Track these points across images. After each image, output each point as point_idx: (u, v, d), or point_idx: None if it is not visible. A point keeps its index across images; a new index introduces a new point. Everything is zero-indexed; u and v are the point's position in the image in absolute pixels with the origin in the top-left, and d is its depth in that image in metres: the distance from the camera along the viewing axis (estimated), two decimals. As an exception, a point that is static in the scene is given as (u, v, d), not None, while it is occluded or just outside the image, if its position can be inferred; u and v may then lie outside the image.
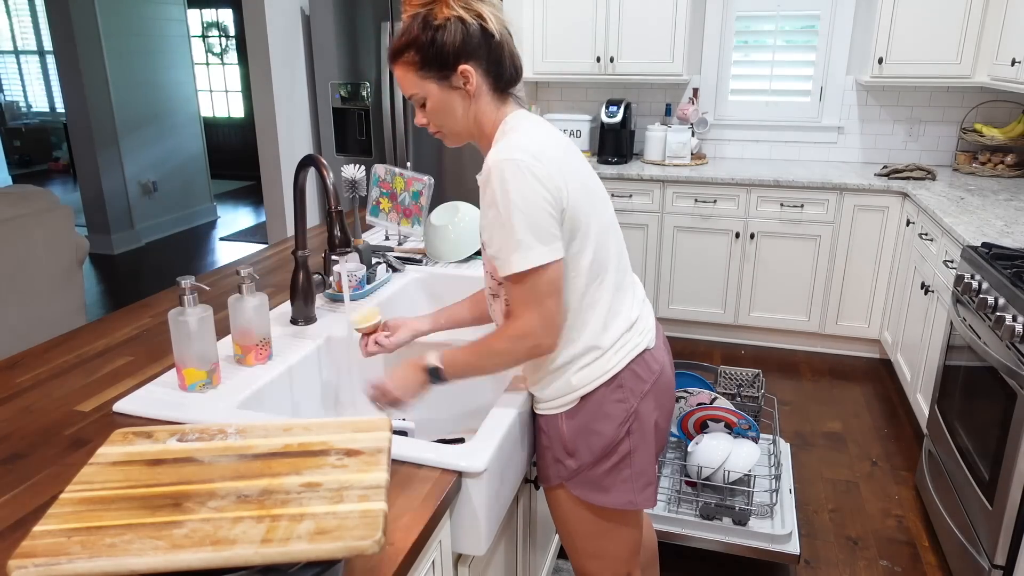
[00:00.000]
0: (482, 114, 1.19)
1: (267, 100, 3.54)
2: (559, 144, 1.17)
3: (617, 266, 1.25)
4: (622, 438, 1.24)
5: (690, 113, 3.82)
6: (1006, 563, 1.83)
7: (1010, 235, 2.41)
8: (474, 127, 1.21)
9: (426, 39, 1.12)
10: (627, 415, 1.24)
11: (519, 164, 1.08)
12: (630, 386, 1.24)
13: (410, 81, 1.16)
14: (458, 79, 1.14)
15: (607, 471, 1.26)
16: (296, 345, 1.50)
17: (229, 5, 7.86)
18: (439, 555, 1.08)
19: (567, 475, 1.29)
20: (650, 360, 1.27)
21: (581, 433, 1.25)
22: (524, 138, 1.12)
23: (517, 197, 1.07)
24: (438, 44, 1.11)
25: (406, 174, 2.18)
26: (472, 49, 1.13)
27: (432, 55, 1.12)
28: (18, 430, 1.21)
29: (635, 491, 1.28)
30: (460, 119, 1.19)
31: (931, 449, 2.41)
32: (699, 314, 3.75)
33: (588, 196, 1.18)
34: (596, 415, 1.24)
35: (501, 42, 1.15)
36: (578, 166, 1.19)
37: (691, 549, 2.17)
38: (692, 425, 2.29)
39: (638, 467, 1.27)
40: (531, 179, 1.08)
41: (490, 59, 1.15)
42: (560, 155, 1.14)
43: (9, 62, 8.32)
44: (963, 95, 3.65)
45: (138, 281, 4.92)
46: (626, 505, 1.29)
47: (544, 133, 1.17)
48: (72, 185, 7.92)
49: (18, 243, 3.09)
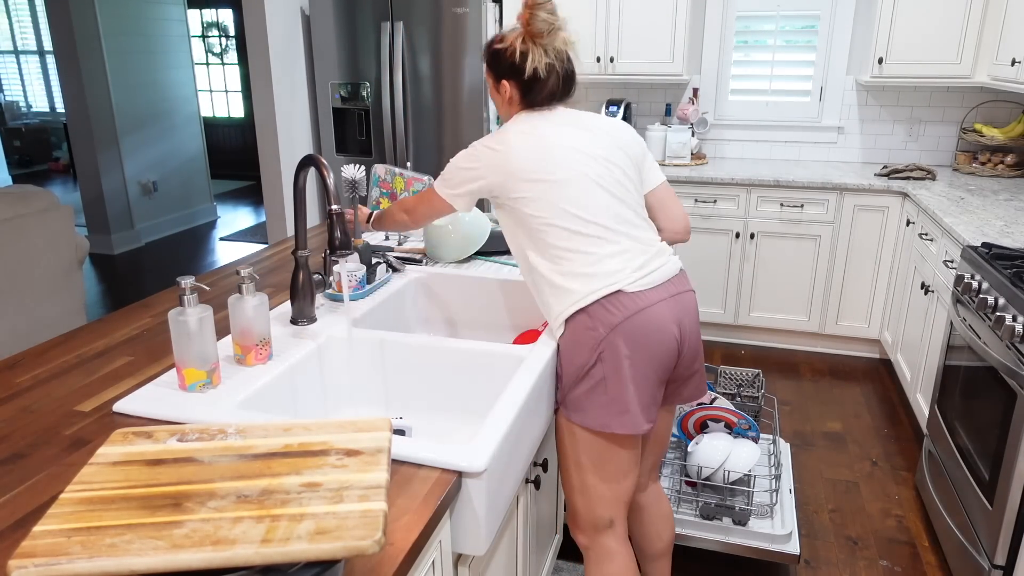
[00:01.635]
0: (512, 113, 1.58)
1: (267, 100, 3.54)
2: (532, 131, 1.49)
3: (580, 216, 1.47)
4: (594, 363, 1.45)
5: (690, 113, 3.82)
6: (1006, 563, 1.83)
7: (1010, 235, 2.41)
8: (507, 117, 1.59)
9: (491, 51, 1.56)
10: (596, 342, 1.44)
11: (475, 148, 1.53)
12: (599, 317, 1.44)
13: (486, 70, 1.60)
14: (501, 88, 1.55)
15: (585, 393, 1.47)
16: (296, 345, 1.50)
17: (229, 5, 7.86)
18: (439, 555, 1.08)
19: (560, 398, 1.53)
20: (625, 300, 1.45)
21: (565, 356, 1.49)
22: (501, 134, 1.51)
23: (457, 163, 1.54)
24: (494, 60, 1.54)
25: (406, 174, 2.18)
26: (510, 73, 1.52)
27: (491, 66, 1.56)
28: (18, 430, 1.21)
29: (610, 415, 1.46)
30: (500, 108, 1.61)
31: (931, 449, 2.41)
32: (699, 314, 3.75)
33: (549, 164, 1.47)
34: (573, 341, 1.47)
35: (534, 76, 1.49)
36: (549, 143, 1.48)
37: (691, 549, 2.17)
38: (692, 425, 2.29)
39: (612, 393, 1.45)
40: (467, 154, 1.53)
41: (523, 85, 1.52)
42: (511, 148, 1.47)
43: (9, 62, 8.32)
44: (963, 95, 3.65)
45: (138, 281, 4.92)
46: (602, 427, 1.47)
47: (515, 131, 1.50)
48: (72, 185, 7.92)
49: (18, 243, 3.09)
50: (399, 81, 3.54)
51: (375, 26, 3.51)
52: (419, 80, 3.54)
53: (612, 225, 1.50)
